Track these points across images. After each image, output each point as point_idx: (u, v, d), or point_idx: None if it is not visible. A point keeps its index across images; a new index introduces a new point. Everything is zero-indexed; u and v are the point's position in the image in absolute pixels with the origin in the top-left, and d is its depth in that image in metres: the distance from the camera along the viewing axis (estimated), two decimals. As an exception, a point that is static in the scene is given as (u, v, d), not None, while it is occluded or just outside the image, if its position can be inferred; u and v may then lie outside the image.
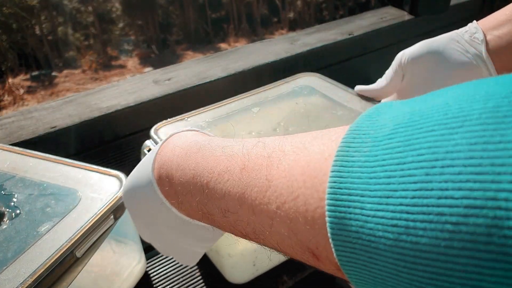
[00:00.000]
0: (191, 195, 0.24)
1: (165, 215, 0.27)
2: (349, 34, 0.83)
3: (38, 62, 5.73)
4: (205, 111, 0.53)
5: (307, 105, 0.52)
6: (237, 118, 0.51)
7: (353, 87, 0.55)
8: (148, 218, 0.29)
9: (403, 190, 0.13)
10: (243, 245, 0.42)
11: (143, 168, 0.29)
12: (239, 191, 0.20)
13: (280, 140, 0.21)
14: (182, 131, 0.30)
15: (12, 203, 0.38)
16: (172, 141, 0.28)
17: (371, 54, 0.87)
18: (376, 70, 0.89)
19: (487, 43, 0.41)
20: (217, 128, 0.49)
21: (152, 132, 0.49)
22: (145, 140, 0.49)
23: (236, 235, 0.23)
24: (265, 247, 0.21)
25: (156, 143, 0.48)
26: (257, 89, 0.57)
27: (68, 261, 0.33)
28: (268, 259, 0.46)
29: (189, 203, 0.24)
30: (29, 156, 0.45)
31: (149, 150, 0.48)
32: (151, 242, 0.32)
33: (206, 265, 0.48)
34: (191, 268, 0.48)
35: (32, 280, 0.31)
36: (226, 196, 0.21)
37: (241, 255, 0.43)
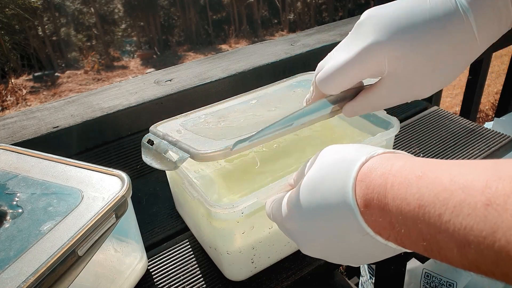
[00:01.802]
0: (414, 226, 0.23)
1: (361, 243, 0.27)
2: (349, 35, 0.83)
3: (41, 63, 5.75)
4: (205, 110, 0.53)
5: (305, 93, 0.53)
6: (235, 109, 0.52)
7: None
8: (330, 239, 0.28)
9: None
10: (241, 242, 0.42)
11: (331, 188, 0.28)
12: (487, 230, 0.19)
13: None
14: (377, 154, 0.28)
15: (15, 202, 0.38)
16: (375, 167, 0.26)
17: (372, 54, 0.87)
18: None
19: None
20: (218, 128, 0.49)
21: (152, 128, 0.49)
22: (146, 140, 0.49)
23: (465, 267, 0.21)
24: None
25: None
26: (256, 89, 0.57)
27: (70, 260, 0.34)
28: (266, 256, 0.46)
29: (408, 234, 0.24)
30: (32, 155, 0.45)
31: (148, 141, 0.47)
32: (319, 255, 0.31)
33: (206, 263, 0.48)
34: (191, 266, 0.48)
35: (34, 278, 0.31)
36: (468, 231, 0.20)
37: (239, 253, 0.43)
